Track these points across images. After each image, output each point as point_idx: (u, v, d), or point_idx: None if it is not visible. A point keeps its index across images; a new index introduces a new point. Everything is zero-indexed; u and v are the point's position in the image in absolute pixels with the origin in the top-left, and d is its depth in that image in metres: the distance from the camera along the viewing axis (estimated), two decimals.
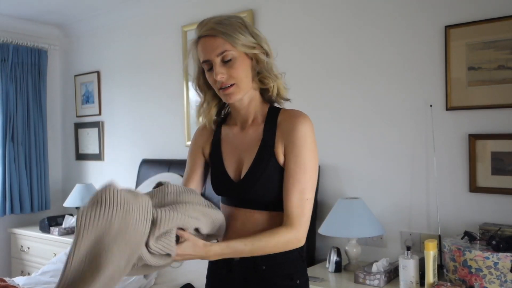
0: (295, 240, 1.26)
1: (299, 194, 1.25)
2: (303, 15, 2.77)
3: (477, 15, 2.17)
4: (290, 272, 1.32)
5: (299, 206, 1.25)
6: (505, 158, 2.11)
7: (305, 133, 1.28)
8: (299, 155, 1.26)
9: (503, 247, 1.80)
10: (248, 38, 1.27)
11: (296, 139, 1.27)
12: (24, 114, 3.97)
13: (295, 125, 1.29)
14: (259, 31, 1.31)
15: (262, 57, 1.29)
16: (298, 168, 1.26)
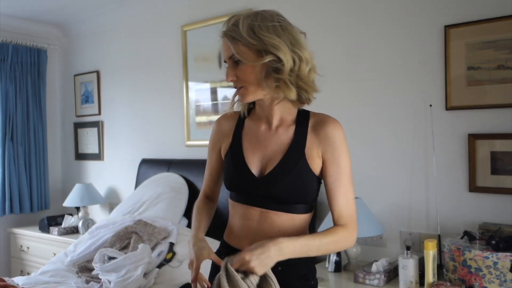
0: (351, 238, 1.29)
1: (344, 195, 1.31)
2: (302, 14, 2.77)
3: (477, 15, 2.17)
4: (305, 272, 1.34)
5: (347, 207, 1.30)
6: (505, 158, 2.11)
7: (341, 138, 1.32)
8: (339, 159, 1.32)
9: (502, 246, 1.80)
10: (252, 47, 1.23)
11: (334, 144, 1.31)
12: (23, 114, 3.96)
13: (332, 131, 1.31)
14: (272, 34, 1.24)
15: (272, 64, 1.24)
16: (340, 170, 1.32)
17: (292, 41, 1.26)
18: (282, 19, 1.32)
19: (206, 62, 3.25)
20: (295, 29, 1.31)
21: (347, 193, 1.32)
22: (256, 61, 1.23)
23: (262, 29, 1.24)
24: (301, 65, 1.25)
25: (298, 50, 1.26)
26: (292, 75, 1.24)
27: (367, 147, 2.53)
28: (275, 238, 1.19)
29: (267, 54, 1.22)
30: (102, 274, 2.40)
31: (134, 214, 3.01)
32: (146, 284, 2.34)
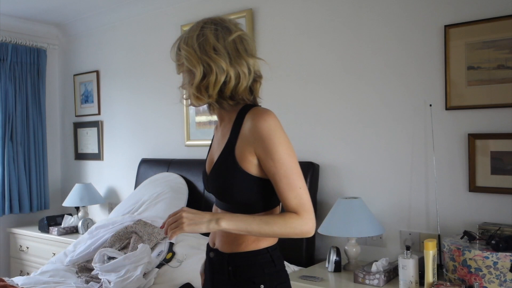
0: (304, 225, 1.24)
1: (289, 187, 1.24)
2: (302, 14, 2.77)
3: (477, 14, 2.17)
4: (254, 276, 1.32)
5: (295, 197, 1.24)
6: (505, 158, 2.11)
7: (269, 129, 1.25)
8: (271, 152, 1.24)
9: (502, 246, 1.80)
10: (178, 55, 1.31)
11: (262, 138, 1.24)
12: (23, 113, 3.96)
13: (257, 125, 1.25)
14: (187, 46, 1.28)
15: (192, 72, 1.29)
16: (276, 164, 1.24)
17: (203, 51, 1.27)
18: (208, 26, 1.29)
19: None
20: (224, 36, 1.29)
21: (291, 185, 1.25)
22: (179, 71, 1.34)
23: (183, 42, 1.31)
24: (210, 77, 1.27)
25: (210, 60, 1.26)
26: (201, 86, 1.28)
27: (367, 147, 2.53)
28: (217, 213, 1.26)
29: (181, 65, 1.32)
30: (101, 274, 2.40)
31: (133, 214, 3.00)
32: (145, 284, 2.34)
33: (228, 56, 1.27)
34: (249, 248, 1.33)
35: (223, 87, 1.28)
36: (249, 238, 1.32)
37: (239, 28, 1.33)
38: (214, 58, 1.25)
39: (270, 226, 1.22)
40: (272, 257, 1.35)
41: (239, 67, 1.28)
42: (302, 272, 2.35)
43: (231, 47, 1.28)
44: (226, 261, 1.34)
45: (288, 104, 2.83)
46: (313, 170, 2.60)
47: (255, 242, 1.33)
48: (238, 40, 1.30)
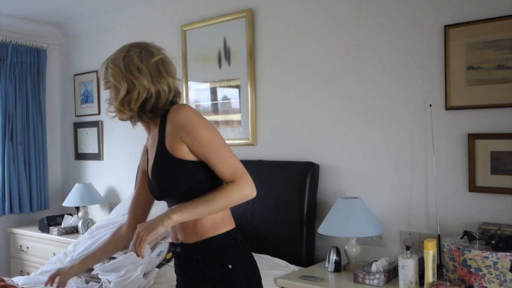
0: (245, 189, 1.39)
1: (220, 160, 1.39)
2: (302, 14, 2.77)
3: (477, 14, 2.17)
4: (221, 257, 1.45)
5: (228, 168, 1.39)
6: (505, 158, 2.11)
7: (187, 115, 1.41)
8: (196, 136, 1.39)
9: (502, 246, 1.80)
10: (106, 74, 1.49)
11: (183, 126, 1.40)
12: (23, 113, 3.96)
13: (175, 116, 1.42)
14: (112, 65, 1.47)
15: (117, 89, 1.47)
16: (203, 143, 1.39)
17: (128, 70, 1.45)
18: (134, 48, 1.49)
19: (206, 62, 3.25)
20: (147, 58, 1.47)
21: (221, 158, 1.40)
22: (105, 88, 1.54)
23: (110, 61, 1.50)
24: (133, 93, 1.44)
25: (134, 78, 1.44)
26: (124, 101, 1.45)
27: (367, 147, 2.53)
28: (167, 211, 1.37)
29: (107, 83, 1.51)
30: (101, 274, 2.40)
31: None
32: (145, 284, 2.34)
33: (150, 76, 1.45)
34: (211, 234, 1.46)
35: (144, 102, 1.45)
36: (208, 225, 1.45)
37: (161, 52, 1.52)
38: (137, 76, 1.43)
39: (216, 202, 1.36)
40: (235, 239, 1.49)
41: (160, 85, 1.46)
42: (302, 272, 2.35)
43: (153, 68, 1.46)
44: (193, 251, 1.46)
45: (288, 104, 2.83)
46: (313, 170, 2.60)
47: (215, 228, 1.46)
48: (160, 62, 1.49)
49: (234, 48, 3.07)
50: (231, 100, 3.12)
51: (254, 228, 2.70)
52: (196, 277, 1.48)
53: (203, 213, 1.36)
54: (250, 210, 2.73)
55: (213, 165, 1.40)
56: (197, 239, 1.46)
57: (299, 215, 2.55)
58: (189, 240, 1.47)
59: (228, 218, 1.53)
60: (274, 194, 2.65)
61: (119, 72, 1.45)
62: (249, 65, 2.97)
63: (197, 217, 1.37)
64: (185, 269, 1.51)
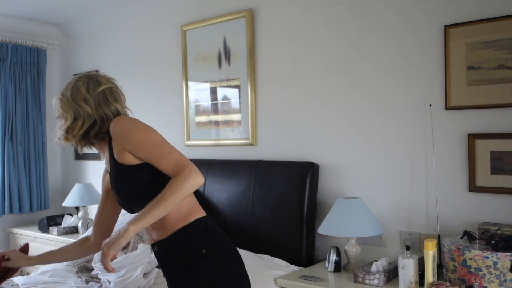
0: (189, 179, 1.40)
1: (161, 157, 1.45)
2: (302, 14, 2.77)
3: (477, 14, 2.17)
4: (194, 244, 1.51)
5: (168, 162, 1.44)
6: (505, 158, 2.11)
7: (122, 125, 1.50)
8: (135, 141, 1.47)
9: (502, 246, 1.80)
10: (57, 104, 1.60)
11: (122, 135, 1.48)
12: (23, 113, 3.96)
13: (114, 128, 1.50)
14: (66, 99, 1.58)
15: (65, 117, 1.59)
16: (143, 147, 1.46)
17: (74, 100, 1.57)
18: (81, 79, 1.60)
19: (206, 62, 3.25)
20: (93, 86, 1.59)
21: (160, 154, 1.45)
22: (56, 117, 1.65)
23: (60, 92, 1.62)
24: (78, 122, 1.56)
25: (79, 107, 1.56)
26: (70, 129, 1.56)
27: (367, 147, 2.53)
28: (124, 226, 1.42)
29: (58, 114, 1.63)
30: (101, 274, 2.40)
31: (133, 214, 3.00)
32: (145, 284, 2.34)
33: (95, 104, 1.56)
34: (180, 225, 1.52)
35: (89, 129, 1.56)
36: (175, 218, 1.51)
37: (111, 82, 1.64)
38: (82, 106, 1.54)
39: (165, 199, 1.39)
40: (205, 225, 1.55)
41: (104, 111, 1.56)
42: (302, 272, 2.35)
43: (100, 96, 1.57)
44: (167, 245, 1.53)
45: (288, 104, 2.83)
46: (313, 170, 2.60)
47: (183, 219, 1.52)
48: (108, 91, 1.60)
49: (234, 48, 3.07)
50: (231, 100, 3.12)
51: (254, 228, 2.70)
52: (174, 268, 1.54)
53: (157, 213, 1.40)
54: (250, 210, 2.73)
55: (156, 164, 1.46)
56: (169, 233, 1.52)
57: (299, 215, 2.55)
58: (163, 236, 1.54)
59: (195, 208, 1.58)
60: (274, 194, 2.65)
61: (66, 102, 1.56)
62: (249, 65, 2.97)
63: (154, 219, 1.41)
64: (165, 264, 1.58)
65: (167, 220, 1.52)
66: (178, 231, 1.52)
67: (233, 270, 1.55)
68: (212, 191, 2.94)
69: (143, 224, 1.40)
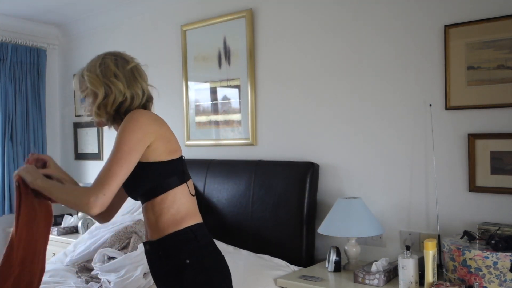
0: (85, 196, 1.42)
1: (105, 166, 1.44)
2: (302, 14, 2.77)
3: (477, 14, 2.17)
4: (180, 252, 1.51)
5: (101, 176, 1.43)
6: (505, 158, 2.11)
7: (124, 122, 1.49)
8: (117, 136, 1.49)
9: (502, 246, 1.80)
10: (81, 82, 1.62)
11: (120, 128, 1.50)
12: (23, 113, 3.96)
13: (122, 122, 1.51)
14: (89, 72, 1.60)
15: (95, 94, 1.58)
16: (113, 147, 1.47)
17: (105, 75, 1.57)
18: (109, 56, 1.61)
19: (206, 62, 3.25)
20: (122, 64, 1.60)
21: (109, 166, 1.44)
22: (82, 95, 1.63)
23: (86, 69, 1.61)
24: (109, 97, 1.56)
25: (111, 84, 1.56)
26: (101, 105, 1.56)
27: (366, 147, 2.53)
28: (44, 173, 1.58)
29: (84, 91, 1.62)
30: (101, 274, 2.40)
31: (133, 214, 3.00)
32: (145, 284, 2.33)
33: (125, 81, 1.56)
34: (171, 230, 1.52)
35: (120, 105, 1.56)
36: (169, 221, 1.51)
37: (134, 61, 1.66)
38: (114, 82, 1.55)
39: (60, 192, 1.51)
40: (195, 234, 1.54)
41: (134, 89, 1.58)
42: (302, 272, 2.35)
43: (128, 74, 1.58)
44: (156, 247, 1.55)
45: (288, 103, 2.83)
46: (313, 170, 2.60)
47: (175, 224, 1.52)
48: (135, 69, 1.62)
49: (234, 48, 3.07)
50: (231, 100, 3.12)
51: (254, 228, 2.70)
52: (161, 272, 1.56)
53: (52, 195, 1.52)
54: (250, 210, 2.73)
55: None
56: (159, 236, 1.53)
57: (299, 215, 2.55)
58: (154, 237, 1.55)
59: (191, 214, 1.57)
60: (274, 194, 2.65)
61: (96, 79, 1.56)
62: (249, 65, 2.97)
63: (48, 194, 1.52)
64: (153, 265, 1.60)
65: (161, 221, 1.53)
66: (167, 236, 1.52)
67: (216, 283, 1.55)
68: (212, 191, 2.94)
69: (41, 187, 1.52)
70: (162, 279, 1.57)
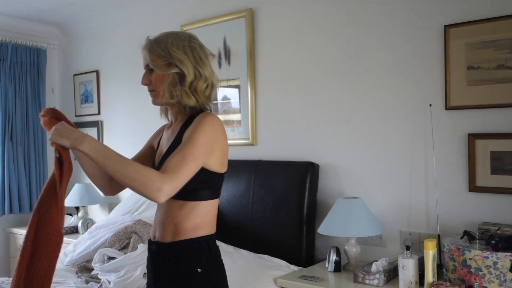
0: (157, 182, 1.29)
1: (180, 157, 1.36)
2: (302, 14, 2.77)
3: (477, 14, 2.17)
4: (192, 260, 1.47)
5: (175, 165, 1.34)
6: (505, 158, 2.11)
7: (203, 121, 1.45)
8: (192, 133, 1.42)
9: (502, 246, 1.80)
10: (162, 59, 1.49)
11: (194, 126, 1.44)
12: (23, 113, 3.96)
13: (198, 118, 1.47)
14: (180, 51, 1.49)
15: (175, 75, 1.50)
16: (188, 141, 1.40)
17: (196, 60, 1.50)
18: (194, 40, 1.54)
19: None
20: (204, 51, 1.55)
21: (184, 158, 1.36)
22: (165, 71, 1.49)
23: (173, 45, 1.49)
24: (200, 81, 1.50)
25: (200, 68, 1.50)
26: (191, 87, 1.49)
27: (366, 147, 2.53)
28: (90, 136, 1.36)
29: (173, 66, 1.48)
30: (101, 274, 2.40)
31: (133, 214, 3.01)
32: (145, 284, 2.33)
33: (210, 68, 1.54)
34: (187, 236, 1.47)
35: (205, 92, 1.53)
36: (189, 227, 1.47)
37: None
38: (203, 67, 1.51)
39: (126, 166, 1.30)
40: (208, 245, 1.50)
41: (213, 79, 1.55)
42: (302, 272, 2.35)
43: (208, 62, 1.55)
44: (166, 250, 1.49)
45: (288, 104, 2.83)
46: (313, 170, 2.60)
47: (194, 231, 1.47)
48: (210, 57, 1.58)
49: (234, 48, 3.07)
50: (231, 100, 3.12)
51: (254, 228, 2.70)
52: (165, 277, 1.51)
53: (107, 166, 1.29)
54: (250, 210, 2.73)
55: (172, 154, 1.38)
56: (173, 239, 1.48)
57: (299, 215, 2.55)
58: (165, 239, 1.50)
59: (210, 223, 1.53)
60: (274, 194, 2.65)
61: (188, 60, 1.48)
62: (249, 65, 2.97)
63: (100, 164, 1.30)
64: (157, 267, 1.54)
65: (183, 226, 1.47)
66: (181, 241, 1.47)
67: None
68: None
69: (93, 156, 1.29)
70: (165, 284, 1.52)
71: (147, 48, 1.52)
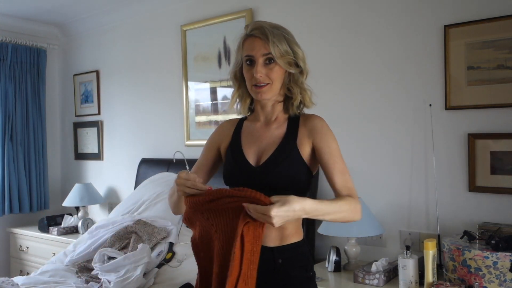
0: (358, 208, 1.36)
1: (341, 173, 1.42)
2: (302, 14, 2.77)
3: (477, 14, 2.17)
4: (305, 264, 1.44)
5: (346, 181, 1.41)
6: (505, 158, 2.11)
7: (326, 127, 1.48)
8: (328, 142, 1.43)
9: (502, 246, 1.80)
10: (289, 53, 1.41)
11: (322, 131, 1.45)
12: (23, 113, 3.96)
13: (318, 122, 1.47)
14: (299, 48, 1.45)
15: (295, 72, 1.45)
16: (331, 150, 1.42)
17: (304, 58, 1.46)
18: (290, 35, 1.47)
19: (206, 61, 3.25)
20: None
21: (343, 170, 1.43)
22: (289, 68, 1.42)
23: (293, 43, 1.44)
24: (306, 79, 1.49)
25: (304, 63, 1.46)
26: (303, 84, 1.48)
27: (367, 147, 2.53)
28: (299, 197, 1.24)
29: (295, 65, 1.43)
30: (101, 274, 2.40)
31: (133, 214, 3.00)
32: (145, 284, 2.34)
33: None
34: (294, 240, 1.43)
35: None
36: (294, 230, 1.43)
37: None
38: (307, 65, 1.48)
39: (339, 213, 1.32)
40: (309, 250, 1.49)
41: None
42: None
43: None
44: (272, 255, 1.40)
45: None
46: None
47: (298, 234, 1.45)
48: None
49: (234, 48, 3.05)
50: None
51: None
52: (273, 281, 1.39)
53: (327, 219, 1.33)
54: None
55: (332, 171, 1.42)
56: (281, 243, 1.41)
57: None
58: (271, 244, 1.40)
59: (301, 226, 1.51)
60: None
61: (304, 59, 1.46)
62: None
63: (321, 217, 1.30)
64: (263, 274, 1.35)
65: (288, 227, 1.41)
66: (290, 245, 1.41)
67: None
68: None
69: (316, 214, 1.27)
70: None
71: (272, 40, 1.39)
